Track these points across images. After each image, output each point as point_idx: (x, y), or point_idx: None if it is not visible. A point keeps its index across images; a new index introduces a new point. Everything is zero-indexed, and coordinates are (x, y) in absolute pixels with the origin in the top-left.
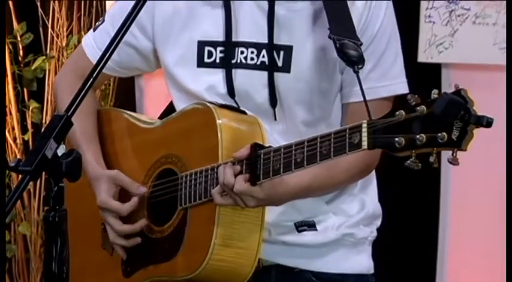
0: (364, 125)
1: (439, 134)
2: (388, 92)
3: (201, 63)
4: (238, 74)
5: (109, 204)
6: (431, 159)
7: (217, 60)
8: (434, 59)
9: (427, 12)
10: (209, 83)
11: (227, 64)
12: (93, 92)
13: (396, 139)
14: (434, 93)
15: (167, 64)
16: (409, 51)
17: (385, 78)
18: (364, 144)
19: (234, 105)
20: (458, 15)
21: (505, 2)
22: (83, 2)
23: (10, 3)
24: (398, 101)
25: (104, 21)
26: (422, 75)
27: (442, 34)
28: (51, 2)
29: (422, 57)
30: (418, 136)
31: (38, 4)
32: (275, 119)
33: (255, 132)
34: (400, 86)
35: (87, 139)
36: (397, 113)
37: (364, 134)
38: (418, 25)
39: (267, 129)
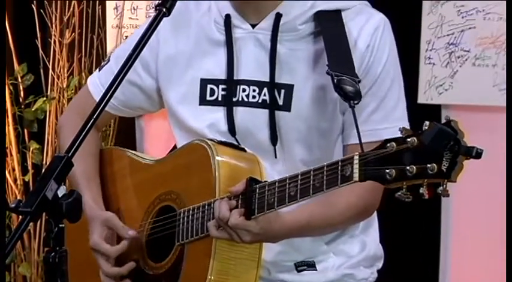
0: (356, 157)
1: (429, 165)
2: (390, 135)
3: (203, 101)
4: (240, 112)
5: (99, 246)
6: (422, 190)
7: (219, 98)
8: (434, 101)
9: (427, 54)
10: (211, 121)
11: (228, 102)
12: (96, 132)
13: (387, 171)
14: (425, 125)
15: (170, 102)
16: (409, 92)
17: (387, 120)
18: (356, 176)
19: (234, 142)
20: (458, 57)
21: (504, 44)
22: (83, 43)
23: (11, 44)
24: None
25: (109, 61)
26: (423, 116)
27: (442, 75)
28: (52, 44)
29: (422, 98)
30: (408, 167)
31: (39, 45)
32: (275, 157)
33: (253, 170)
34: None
35: (86, 179)
36: (388, 144)
37: (356, 166)
38: (418, 66)
39: (266, 168)
